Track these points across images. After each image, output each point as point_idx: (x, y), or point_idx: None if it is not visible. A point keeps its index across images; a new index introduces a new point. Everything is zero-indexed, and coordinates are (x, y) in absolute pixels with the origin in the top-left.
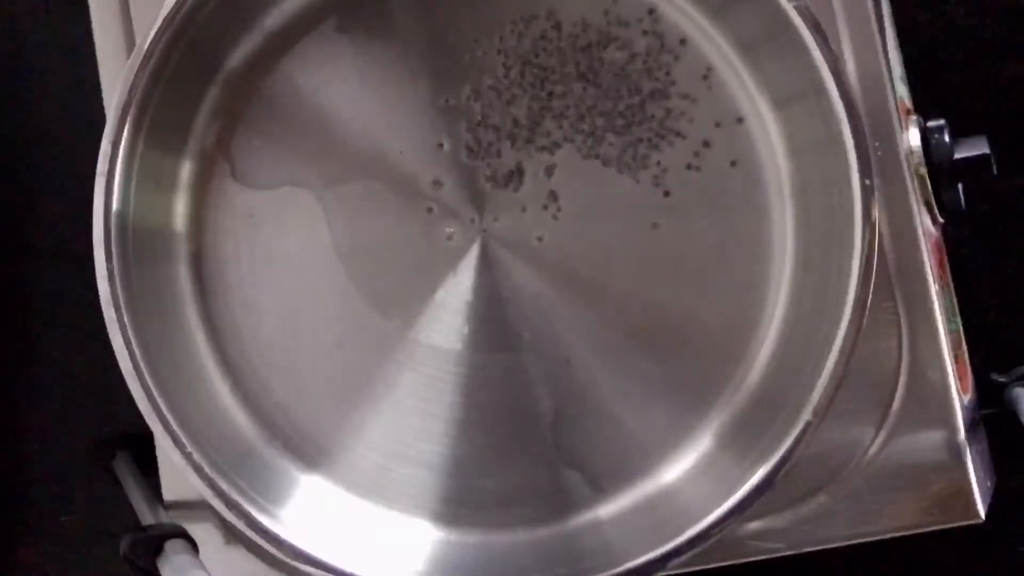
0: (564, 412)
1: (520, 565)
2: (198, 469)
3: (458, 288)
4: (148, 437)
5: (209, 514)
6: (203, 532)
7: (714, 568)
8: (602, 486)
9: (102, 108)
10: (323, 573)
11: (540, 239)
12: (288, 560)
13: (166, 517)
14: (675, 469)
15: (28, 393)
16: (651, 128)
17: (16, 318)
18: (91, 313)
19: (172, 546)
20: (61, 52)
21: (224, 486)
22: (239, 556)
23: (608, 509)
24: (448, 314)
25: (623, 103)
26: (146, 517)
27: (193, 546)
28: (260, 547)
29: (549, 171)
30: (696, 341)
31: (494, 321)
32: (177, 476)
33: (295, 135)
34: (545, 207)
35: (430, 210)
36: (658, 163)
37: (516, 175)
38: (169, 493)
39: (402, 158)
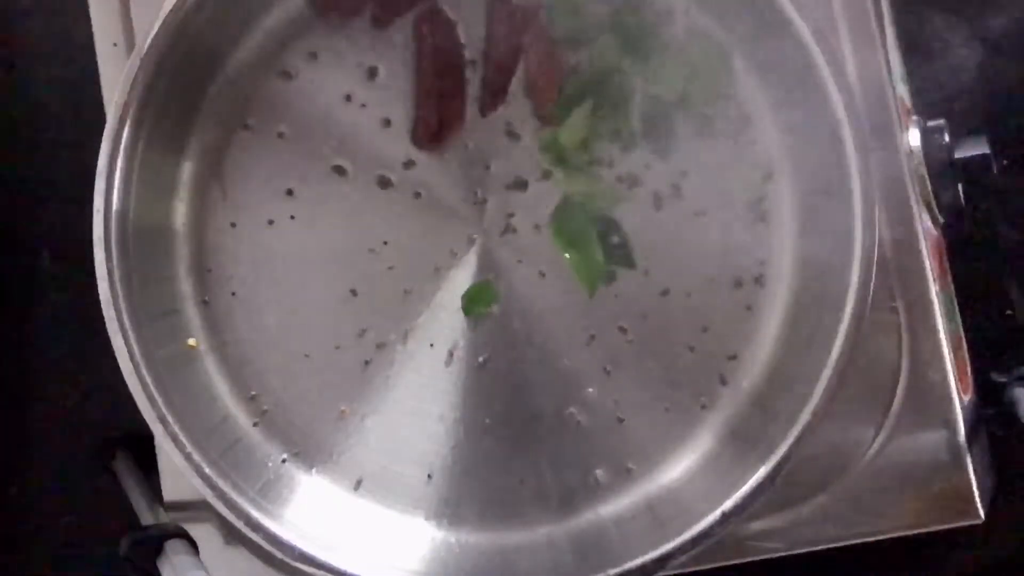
0: (563, 412)
1: (520, 565)
2: (198, 469)
3: (458, 289)
4: (148, 437)
5: (209, 514)
6: (203, 532)
7: (714, 568)
8: (602, 486)
9: (102, 108)
10: (323, 573)
11: (539, 241)
12: (288, 560)
13: (166, 517)
14: (675, 469)
15: (28, 394)
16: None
17: (16, 318)
18: (91, 313)
19: (172, 546)
20: (61, 52)
21: (224, 486)
22: (239, 556)
23: (608, 509)
24: (448, 314)
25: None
26: (146, 517)
27: (193, 546)
28: (260, 547)
29: (549, 176)
30: (696, 341)
31: (494, 321)
32: (177, 476)
33: (296, 134)
34: (544, 210)
35: (431, 211)
36: (654, 165)
37: (518, 180)
38: (169, 493)
39: (404, 159)
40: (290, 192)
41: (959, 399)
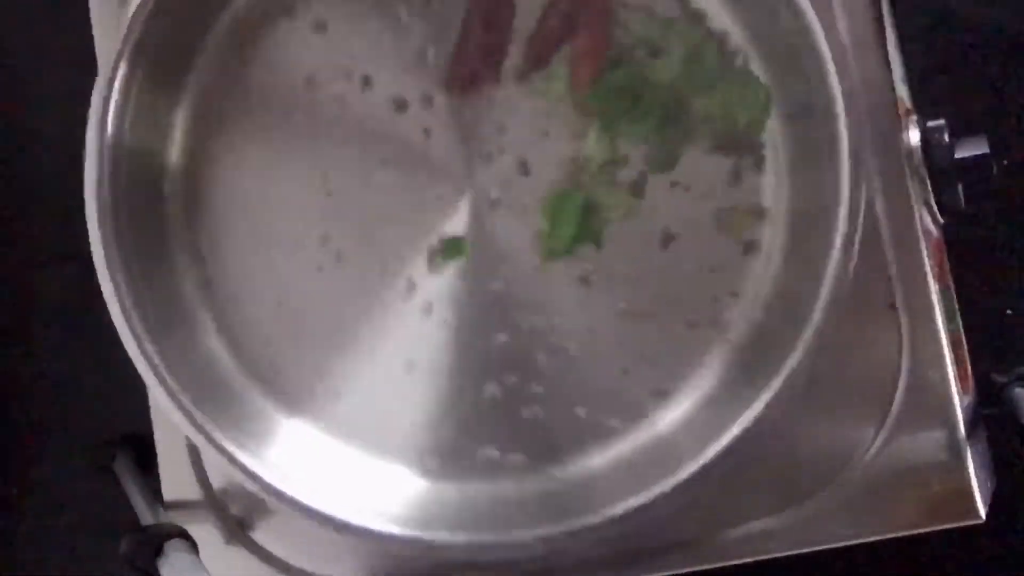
0: (554, 362)
1: (506, 513)
2: (186, 412)
3: (442, 239)
4: (148, 437)
5: (209, 514)
6: (203, 532)
7: (714, 568)
8: (590, 436)
9: None
10: (306, 517)
11: (530, 215)
12: (271, 500)
13: (166, 517)
14: (666, 418)
15: (28, 393)
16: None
17: (16, 318)
18: (91, 313)
19: (172, 546)
20: (61, 52)
21: (211, 430)
22: (239, 556)
23: (597, 459)
24: (433, 265)
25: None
26: (146, 517)
27: (193, 546)
28: (260, 547)
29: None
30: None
31: (479, 271)
32: (177, 476)
33: (295, 92)
34: (539, 192)
35: (433, 153)
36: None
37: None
38: (169, 493)
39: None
40: (288, 147)
41: (959, 399)
